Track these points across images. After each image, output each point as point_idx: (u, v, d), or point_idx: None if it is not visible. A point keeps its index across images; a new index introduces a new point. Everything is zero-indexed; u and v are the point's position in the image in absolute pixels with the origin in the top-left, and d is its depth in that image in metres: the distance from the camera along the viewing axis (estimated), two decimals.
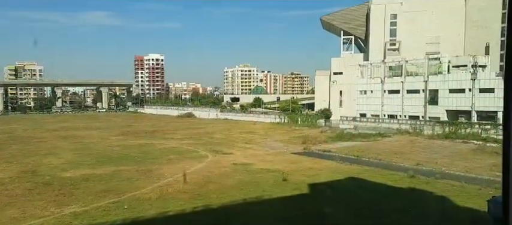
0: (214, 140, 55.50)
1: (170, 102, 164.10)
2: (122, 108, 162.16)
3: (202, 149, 45.71)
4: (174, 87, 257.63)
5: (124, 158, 39.50)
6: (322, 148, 45.96)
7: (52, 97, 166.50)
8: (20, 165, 35.84)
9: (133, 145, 50.52)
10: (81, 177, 30.30)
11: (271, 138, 58.74)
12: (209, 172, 32.38)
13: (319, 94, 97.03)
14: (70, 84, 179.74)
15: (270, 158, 39.49)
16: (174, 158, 39.44)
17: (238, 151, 45.27)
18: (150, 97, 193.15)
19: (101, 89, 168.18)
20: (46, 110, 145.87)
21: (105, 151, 45.04)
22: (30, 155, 41.70)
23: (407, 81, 70.79)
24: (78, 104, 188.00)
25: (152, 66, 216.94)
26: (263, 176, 30.61)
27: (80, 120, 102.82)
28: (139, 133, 67.96)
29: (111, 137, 61.21)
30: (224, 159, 39.06)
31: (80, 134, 64.82)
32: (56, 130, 73.00)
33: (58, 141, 55.71)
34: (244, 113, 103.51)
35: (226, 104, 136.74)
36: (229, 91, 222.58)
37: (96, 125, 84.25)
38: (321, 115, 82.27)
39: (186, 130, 72.92)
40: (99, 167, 34.81)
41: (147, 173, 31.96)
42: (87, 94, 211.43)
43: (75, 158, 40.02)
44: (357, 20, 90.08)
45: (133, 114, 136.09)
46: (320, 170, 32.92)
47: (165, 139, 57.43)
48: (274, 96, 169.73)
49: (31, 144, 52.33)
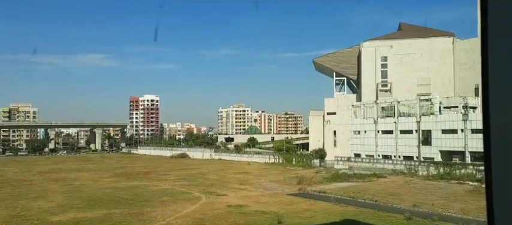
0: (208, 181, 54.79)
1: (164, 143, 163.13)
2: (115, 149, 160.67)
3: (196, 191, 45.03)
4: (169, 127, 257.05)
5: (116, 201, 38.72)
6: (317, 189, 45.50)
7: (45, 138, 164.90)
8: (9, 209, 34.95)
9: (126, 187, 49.65)
10: (71, 221, 29.55)
11: (266, 179, 58.16)
12: (203, 214, 31.77)
13: (313, 134, 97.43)
14: (63, 125, 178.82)
15: (264, 200, 38.93)
16: (167, 200, 38.75)
17: (233, 192, 44.65)
18: (144, 138, 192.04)
19: (95, 130, 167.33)
20: (38, 152, 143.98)
21: (97, 194, 44.16)
22: (19, 199, 40.74)
23: (400, 122, 71.57)
24: (71, 145, 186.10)
25: (147, 107, 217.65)
26: (258, 218, 30.06)
27: (72, 162, 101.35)
28: (132, 174, 66.98)
29: (103, 179, 60.21)
30: (218, 201, 38.44)
31: (72, 177, 63.70)
32: (48, 173, 71.71)
33: (49, 184, 54.64)
34: (238, 154, 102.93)
35: (220, 144, 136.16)
36: (223, 131, 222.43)
37: (89, 167, 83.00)
38: (315, 155, 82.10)
39: (180, 171, 72.07)
40: (89, 210, 34.02)
41: (139, 216, 31.27)
42: (81, 135, 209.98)
43: (66, 201, 39.16)
44: (349, 62, 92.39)
45: (126, 155, 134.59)
46: (316, 212, 32.45)
47: (158, 181, 56.61)
48: (269, 135, 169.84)
49: (21, 187, 51.20)
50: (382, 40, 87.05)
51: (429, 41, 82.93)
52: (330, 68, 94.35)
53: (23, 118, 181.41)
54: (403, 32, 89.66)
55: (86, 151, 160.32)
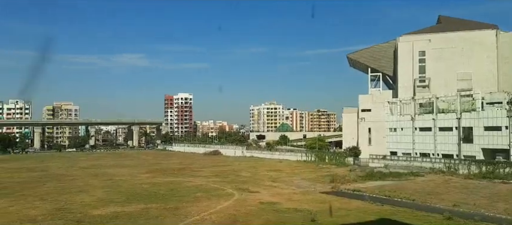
0: (240, 178, 55.25)
1: (197, 140, 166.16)
2: (151, 146, 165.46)
3: (229, 187, 45.53)
4: (202, 125, 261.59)
5: (152, 196, 39.87)
6: (351, 187, 44.69)
7: (86, 135, 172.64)
8: (54, 202, 36.84)
9: (162, 183, 51.05)
10: (111, 214, 30.73)
11: (298, 176, 57.85)
12: (235, 210, 32.06)
13: (347, 132, 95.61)
14: (103, 122, 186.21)
15: (297, 198, 38.75)
16: (201, 196, 39.45)
17: (265, 189, 44.76)
18: (178, 135, 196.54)
19: (132, 127, 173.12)
20: (80, 148, 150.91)
21: (135, 189, 45.67)
22: (63, 193, 42.86)
23: (439, 118, 68.82)
24: (110, 142, 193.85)
25: (181, 105, 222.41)
26: (291, 216, 29.96)
27: (111, 158, 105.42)
28: (167, 170, 68.75)
29: (141, 174, 62.20)
30: (250, 197, 38.67)
31: (111, 172, 66.27)
32: (88, 168, 75.05)
33: (90, 179, 57.12)
34: (270, 151, 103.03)
35: (252, 142, 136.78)
36: (255, 129, 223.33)
37: (127, 163, 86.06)
38: (349, 153, 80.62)
39: (213, 167, 73.16)
40: (128, 204, 35.25)
41: (175, 211, 32.02)
42: (119, 132, 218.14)
43: (106, 195, 40.78)
44: (384, 57, 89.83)
45: (162, 152, 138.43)
46: (350, 211, 31.89)
47: (192, 177, 57.75)
48: (301, 133, 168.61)
49: (65, 181, 53.89)
50: (419, 34, 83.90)
51: (470, 34, 78.99)
52: (364, 64, 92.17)
53: (65, 115, 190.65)
54: (442, 25, 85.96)
55: (124, 147, 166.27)
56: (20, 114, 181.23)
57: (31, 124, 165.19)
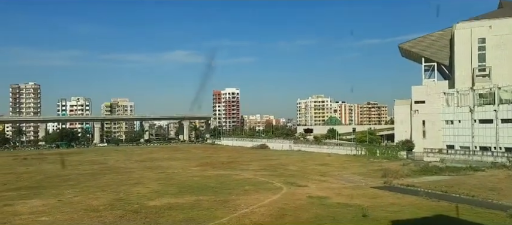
0: (288, 172, 55.25)
1: (245, 134, 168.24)
2: (201, 140, 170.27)
3: (277, 181, 45.72)
4: (249, 119, 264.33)
5: (203, 188, 41.12)
6: (404, 182, 43.01)
7: (140, 130, 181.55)
8: (113, 193, 39.24)
9: (212, 176, 52.46)
10: (165, 206, 32.15)
11: (348, 171, 56.70)
12: (284, 204, 32.16)
13: (399, 125, 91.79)
14: (156, 118, 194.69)
15: (347, 192, 38.03)
16: (250, 189, 40.00)
17: (313, 183, 44.41)
18: (226, 129, 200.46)
19: (183, 122, 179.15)
20: (135, 142, 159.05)
21: (186, 181, 47.37)
22: (121, 184, 45.51)
23: (501, 110, 63.95)
24: (162, 136, 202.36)
25: (228, 100, 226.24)
26: (341, 210, 29.49)
27: (164, 151, 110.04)
28: (216, 164, 70.46)
29: (192, 167, 64.34)
30: (299, 191, 38.56)
31: (164, 165, 69.22)
32: (144, 161, 78.97)
33: (145, 171, 60.09)
34: (318, 145, 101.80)
35: (299, 135, 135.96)
36: (302, 123, 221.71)
37: (178, 156, 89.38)
38: (402, 146, 77.49)
39: (260, 161, 73.79)
40: (181, 196, 36.66)
41: (225, 203, 32.80)
42: (171, 127, 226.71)
43: (160, 187, 42.70)
44: (440, 46, 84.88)
45: (211, 146, 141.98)
46: (403, 206, 30.75)
47: (240, 170, 58.70)
48: (350, 126, 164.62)
49: (122, 174, 57.18)
50: (479, 21, 78.21)
51: None
52: (418, 53, 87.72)
53: (121, 111, 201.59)
54: (504, 10, 79.45)
55: (175, 141, 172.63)
56: (81, 110, 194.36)
57: (91, 120, 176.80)
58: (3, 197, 37.76)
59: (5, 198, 37.06)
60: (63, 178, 52.92)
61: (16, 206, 33.12)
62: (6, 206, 33.16)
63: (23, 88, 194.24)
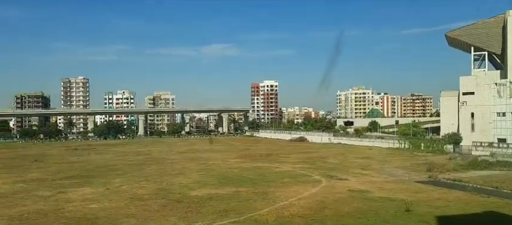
0: (327, 165, 54.59)
1: (283, 126, 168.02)
2: (239, 132, 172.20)
3: (316, 174, 45.33)
4: (287, 112, 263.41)
5: (242, 180, 41.65)
6: (451, 177, 41.12)
7: (181, 122, 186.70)
8: (157, 183, 40.75)
9: (250, 168, 52.96)
10: (206, 196, 32.95)
11: (390, 164, 55.06)
12: (324, 197, 31.86)
13: (446, 117, 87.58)
14: (196, 110, 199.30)
15: (389, 186, 36.98)
16: (289, 182, 39.98)
17: (354, 177, 43.58)
18: (264, 122, 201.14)
19: (222, 115, 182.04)
20: (176, 134, 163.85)
21: (226, 173, 48.19)
22: (164, 175, 47.14)
23: None
24: (202, 129, 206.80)
25: (267, 92, 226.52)
26: (383, 205, 28.75)
27: (204, 143, 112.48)
28: (255, 156, 71.00)
29: (231, 159, 65.31)
30: (339, 185, 38.03)
31: (204, 157, 70.79)
32: (185, 152, 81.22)
33: (186, 162, 61.80)
34: (358, 138, 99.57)
35: (339, 128, 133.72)
36: (342, 115, 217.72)
37: (218, 148, 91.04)
38: (448, 140, 73.96)
39: (299, 154, 73.43)
40: (221, 187, 37.39)
41: (264, 195, 33.03)
42: (210, 119, 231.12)
43: (201, 178, 43.77)
44: (491, 34, 79.62)
45: (249, 138, 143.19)
46: (450, 202, 29.44)
47: (279, 163, 58.77)
48: (392, 119, 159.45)
49: (165, 164, 59.19)
50: None
51: None
52: (466, 42, 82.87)
53: (163, 104, 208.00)
54: None
55: (214, 133, 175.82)
56: (126, 103, 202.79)
57: (136, 112, 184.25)
58: (58, 185, 40.39)
59: (59, 186, 39.63)
60: (110, 168, 55.70)
61: (69, 194, 35.32)
62: (60, 193, 35.46)
63: (73, 82, 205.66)
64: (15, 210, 28.75)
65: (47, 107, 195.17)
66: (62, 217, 26.34)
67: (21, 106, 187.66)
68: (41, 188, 38.43)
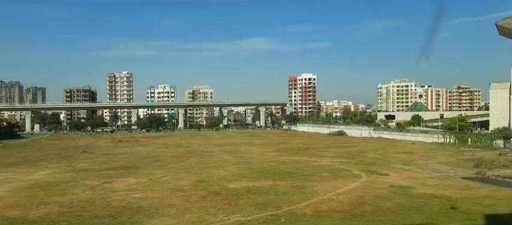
0: (367, 160, 53.32)
1: (321, 120, 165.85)
2: (277, 126, 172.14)
3: (355, 169, 44.43)
4: (325, 105, 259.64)
5: (280, 173, 41.65)
6: (501, 174, 38.79)
7: (220, 116, 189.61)
8: (196, 175, 41.73)
9: (288, 161, 52.83)
10: (243, 189, 33.31)
11: (434, 160, 52.84)
12: (364, 192, 31.17)
13: (496, 111, 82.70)
14: (233, 104, 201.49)
15: (433, 182, 35.53)
16: (327, 176, 39.49)
17: (395, 172, 42.27)
18: (302, 116, 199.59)
19: (259, 108, 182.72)
20: (215, 127, 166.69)
21: (263, 166, 48.41)
22: (203, 167, 48.18)
23: None
24: (240, 122, 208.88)
25: (304, 86, 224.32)
26: (426, 201, 27.69)
27: (241, 137, 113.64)
28: (293, 149, 70.73)
29: (268, 153, 65.50)
30: (379, 180, 37.04)
31: (242, 150, 71.52)
32: (223, 145, 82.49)
33: (225, 155, 62.76)
34: (400, 132, 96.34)
35: (380, 122, 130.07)
36: (383, 109, 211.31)
37: (255, 142, 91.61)
38: (498, 134, 69.82)
39: (338, 148, 72.25)
40: (258, 180, 37.63)
41: (301, 189, 32.86)
42: (248, 113, 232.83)
43: (239, 171, 44.28)
44: None
45: (287, 132, 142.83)
46: (500, 200, 27.82)
47: (317, 157, 58.16)
48: (437, 112, 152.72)
49: (204, 157, 60.47)
50: None
51: None
52: None
53: (202, 98, 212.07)
54: None
55: (252, 127, 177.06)
56: (167, 97, 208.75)
57: (176, 106, 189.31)
58: (104, 175, 42.48)
59: (105, 176, 41.66)
60: (153, 159, 57.76)
61: (114, 183, 37.03)
62: (106, 183, 37.27)
63: (118, 77, 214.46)
64: (66, 198, 30.59)
65: (94, 100, 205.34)
66: (108, 205, 27.68)
67: (70, 99, 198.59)
68: (89, 178, 40.60)
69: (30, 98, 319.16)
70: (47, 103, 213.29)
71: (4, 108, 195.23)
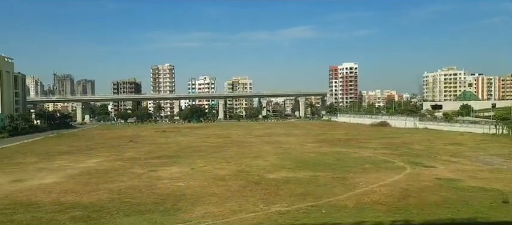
0: (412, 151, 51.46)
1: (363, 110, 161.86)
2: (316, 117, 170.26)
3: (399, 160, 43.05)
4: (368, 95, 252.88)
5: (320, 164, 41.28)
6: None
7: (259, 106, 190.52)
8: (236, 165, 42.37)
9: (328, 152, 52.18)
10: (283, 179, 33.39)
11: (485, 151, 50.00)
12: (408, 185, 30.18)
13: None
14: (272, 95, 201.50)
15: (483, 175, 33.67)
16: (369, 168, 38.60)
17: (442, 164, 40.49)
18: (343, 106, 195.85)
19: (299, 99, 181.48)
20: (254, 118, 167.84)
21: (303, 157, 48.16)
22: (243, 157, 48.78)
23: None
24: (279, 113, 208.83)
25: (346, 75, 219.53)
26: (475, 195, 26.34)
27: (280, 127, 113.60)
28: (333, 140, 69.72)
29: (308, 143, 65.02)
30: (425, 172, 35.67)
31: (281, 140, 71.53)
32: (262, 136, 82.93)
33: (264, 145, 63.11)
34: (448, 123, 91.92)
35: (426, 112, 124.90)
36: (429, 98, 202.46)
37: (294, 132, 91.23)
38: None
39: (381, 139, 70.26)
40: (298, 171, 37.54)
41: (342, 180, 32.39)
42: (287, 103, 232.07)
43: (278, 161, 44.38)
44: None
45: (327, 122, 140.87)
46: None
47: (359, 148, 56.95)
48: (488, 102, 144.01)
49: (244, 147, 61.16)
50: None
51: None
52: None
53: (241, 89, 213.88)
54: None
55: (291, 117, 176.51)
56: (207, 88, 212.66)
57: (216, 97, 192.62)
58: (149, 164, 44.26)
59: (150, 165, 43.40)
60: (194, 149, 59.31)
61: (158, 172, 38.50)
62: (151, 172, 38.85)
63: (161, 69, 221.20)
64: (114, 185, 32.26)
65: (139, 92, 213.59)
66: (154, 193, 28.87)
67: (117, 91, 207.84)
68: (135, 166, 42.50)
69: (81, 90, 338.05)
70: (96, 95, 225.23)
71: (57, 100, 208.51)
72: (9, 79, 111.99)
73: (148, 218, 22.35)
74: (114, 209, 24.28)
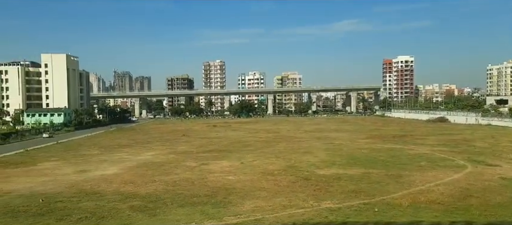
0: (474, 149, 48.16)
1: (419, 106, 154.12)
2: (369, 112, 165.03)
3: (459, 158, 40.51)
4: (424, 90, 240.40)
5: (372, 161, 40.01)
6: None
7: (308, 101, 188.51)
8: (285, 160, 42.32)
9: (381, 149, 50.41)
10: (333, 175, 32.81)
11: None
12: (469, 184, 28.33)
13: None
14: (322, 89, 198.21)
15: None
16: (426, 166, 36.73)
17: (508, 163, 37.48)
18: (397, 101, 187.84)
19: (350, 93, 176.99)
20: (303, 113, 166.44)
21: (354, 153, 46.94)
22: (292, 152, 48.61)
23: None
24: (329, 108, 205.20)
25: (400, 69, 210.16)
26: None
27: (331, 123, 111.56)
28: (387, 136, 67.19)
29: (359, 139, 63.26)
30: (488, 171, 33.25)
31: (332, 136, 70.26)
32: (312, 131, 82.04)
33: (313, 141, 62.40)
34: None
35: (489, 107, 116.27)
36: (493, 93, 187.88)
37: (346, 128, 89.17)
38: None
39: (439, 135, 66.53)
40: (349, 167, 36.68)
41: (397, 178, 31.14)
42: (338, 98, 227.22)
43: (328, 157, 43.67)
44: None
45: (380, 118, 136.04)
46: None
47: (414, 145, 54.39)
48: None
49: (293, 143, 60.89)
50: None
51: None
52: None
53: (291, 84, 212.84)
54: None
55: (342, 113, 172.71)
56: (256, 84, 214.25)
57: (265, 92, 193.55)
58: (201, 157, 45.64)
59: (202, 158, 44.75)
60: (244, 144, 60.15)
61: (210, 165, 39.58)
62: (203, 165, 40.04)
63: (212, 65, 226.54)
64: (169, 177, 33.70)
65: (191, 88, 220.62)
66: (205, 186, 29.74)
67: (171, 87, 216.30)
68: (188, 160, 44.04)
69: (138, 86, 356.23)
70: (152, 91, 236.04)
71: (117, 95, 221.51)
72: (74, 77, 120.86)
73: (201, 209, 23.06)
74: (169, 200, 25.36)
